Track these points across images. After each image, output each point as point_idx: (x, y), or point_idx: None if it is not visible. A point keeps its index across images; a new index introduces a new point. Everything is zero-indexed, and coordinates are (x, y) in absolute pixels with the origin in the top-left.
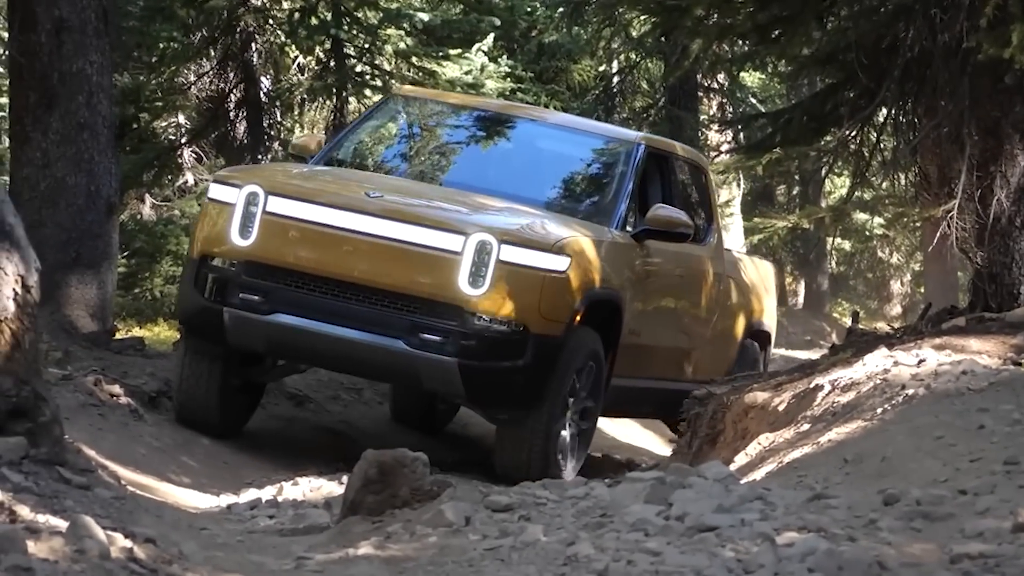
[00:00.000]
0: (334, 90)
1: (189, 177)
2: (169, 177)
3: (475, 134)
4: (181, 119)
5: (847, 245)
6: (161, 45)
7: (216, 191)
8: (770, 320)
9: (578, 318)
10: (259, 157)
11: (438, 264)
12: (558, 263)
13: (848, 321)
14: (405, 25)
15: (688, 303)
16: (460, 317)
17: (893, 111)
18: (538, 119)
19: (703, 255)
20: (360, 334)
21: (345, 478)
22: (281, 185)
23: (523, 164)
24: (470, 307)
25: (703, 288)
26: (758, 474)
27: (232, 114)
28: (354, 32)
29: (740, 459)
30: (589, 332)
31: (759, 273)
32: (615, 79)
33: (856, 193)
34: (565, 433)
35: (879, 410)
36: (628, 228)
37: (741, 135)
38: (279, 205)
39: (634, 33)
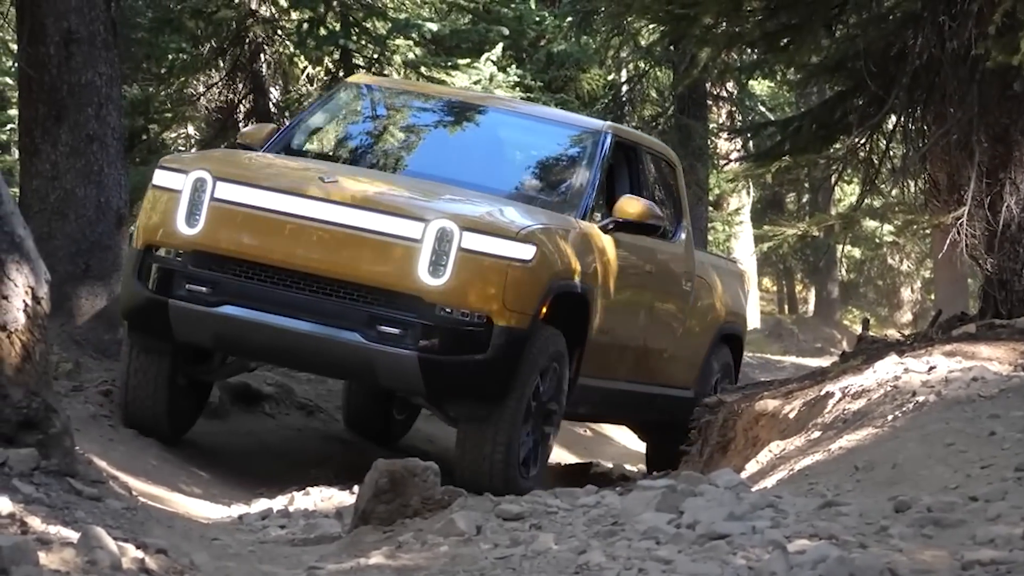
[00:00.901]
0: None
1: None
2: None
3: (435, 122)
4: (190, 130)
5: (857, 252)
6: (170, 56)
7: (161, 177)
8: (742, 324)
9: (544, 311)
10: None
11: (396, 252)
12: (523, 252)
13: (858, 328)
14: (414, 35)
15: (657, 301)
16: (420, 308)
17: (902, 118)
18: (501, 107)
19: (672, 252)
20: (313, 327)
21: (356, 488)
22: (230, 170)
23: (485, 153)
24: (430, 297)
25: (672, 286)
26: (769, 482)
27: (241, 125)
28: (363, 42)
29: (751, 467)
30: (553, 329)
31: (732, 275)
32: (624, 88)
33: (866, 200)
34: (527, 438)
35: (890, 417)
36: (595, 219)
37: (750, 143)
38: (228, 191)
39: (643, 42)
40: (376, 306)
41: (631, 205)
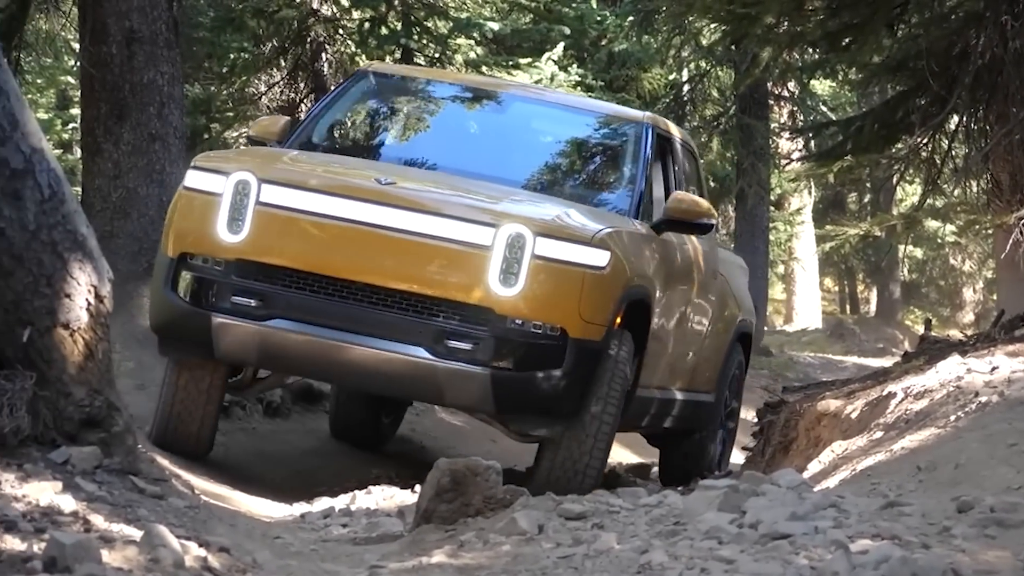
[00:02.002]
0: None
1: None
2: None
3: (466, 114)
4: None
5: (919, 253)
6: (232, 55)
7: (196, 179)
8: (752, 322)
9: (618, 320)
10: None
11: (464, 261)
12: (598, 258)
13: (920, 329)
14: (475, 34)
15: (694, 304)
16: (491, 321)
17: (964, 118)
18: (531, 97)
19: (706, 249)
20: (374, 342)
21: (418, 487)
22: (277, 171)
23: (526, 147)
24: (502, 309)
25: (707, 287)
26: (831, 481)
27: None
28: (424, 41)
29: (813, 467)
30: (626, 336)
31: (740, 270)
32: (685, 87)
33: (928, 200)
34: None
35: (952, 417)
36: (647, 218)
37: (812, 143)
38: (275, 194)
39: (704, 41)
40: (443, 319)
41: (684, 203)
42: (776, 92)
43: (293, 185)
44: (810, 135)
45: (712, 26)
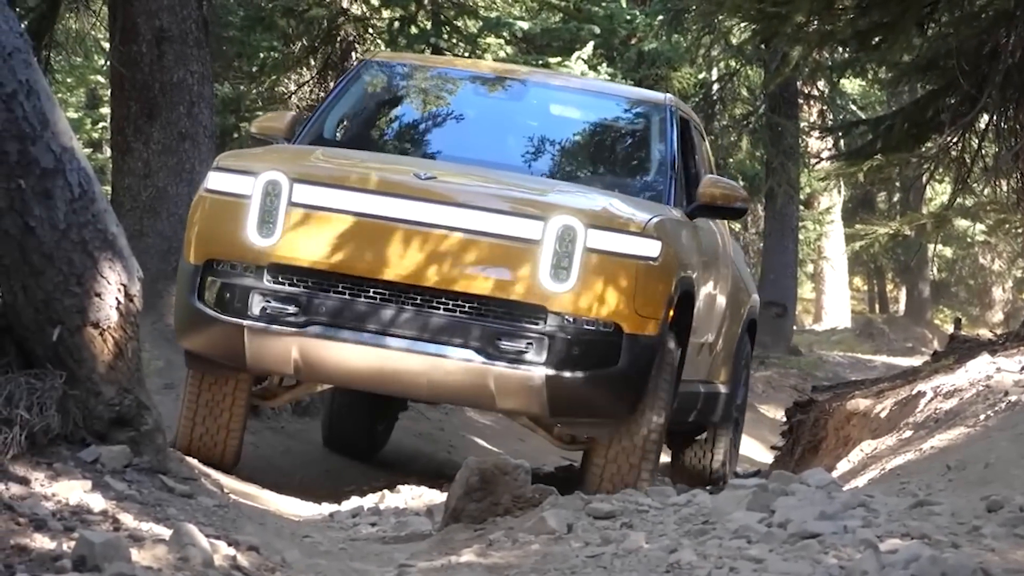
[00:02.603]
0: None
1: None
2: None
3: (484, 102)
4: None
5: (948, 252)
6: (261, 55)
7: (220, 181)
8: (758, 307)
9: (671, 314)
10: None
11: (513, 256)
12: (651, 248)
13: (950, 328)
14: (505, 34)
15: (719, 291)
16: (543, 319)
17: (995, 117)
18: (548, 82)
19: (723, 232)
20: (421, 346)
21: (446, 486)
22: (309, 170)
23: (550, 135)
24: (554, 306)
25: (727, 272)
26: (860, 481)
27: None
28: (454, 40)
29: (842, 466)
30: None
31: (740, 251)
32: (715, 86)
33: (958, 199)
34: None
35: (982, 416)
36: (680, 204)
37: (841, 142)
38: (308, 194)
39: (734, 40)
40: (492, 319)
41: (720, 186)
42: (806, 91)
43: (328, 183)
44: (840, 134)
45: (742, 25)
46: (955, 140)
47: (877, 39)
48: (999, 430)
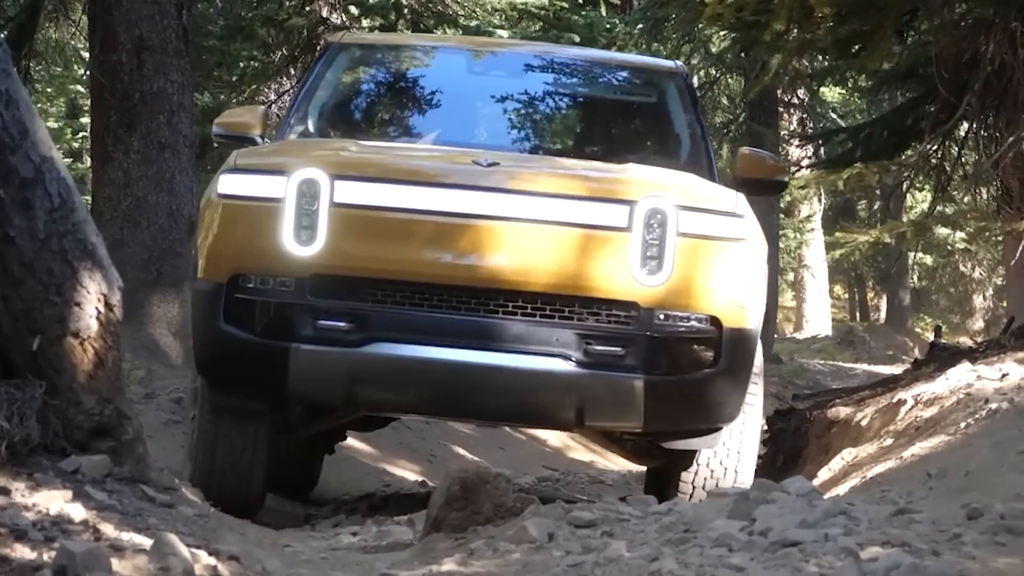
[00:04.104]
0: None
1: None
2: None
3: (483, 82)
4: None
5: (929, 260)
6: (241, 64)
7: (242, 184)
8: None
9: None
10: None
11: (598, 247)
12: (743, 229)
13: (930, 336)
14: None
15: None
16: (638, 317)
17: (974, 125)
18: (549, 54)
19: None
20: (501, 358)
21: (428, 494)
22: (351, 164)
23: (568, 111)
24: (647, 301)
25: None
26: (841, 489)
27: None
28: None
29: (823, 474)
30: None
31: None
32: None
33: (938, 207)
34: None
35: (962, 424)
36: (714, 179)
37: (822, 150)
38: (353, 192)
39: (714, 49)
40: (579, 320)
41: (757, 158)
42: (786, 99)
43: (375, 178)
44: (820, 142)
45: (721, 33)
46: (935, 148)
47: (856, 47)
48: (979, 438)
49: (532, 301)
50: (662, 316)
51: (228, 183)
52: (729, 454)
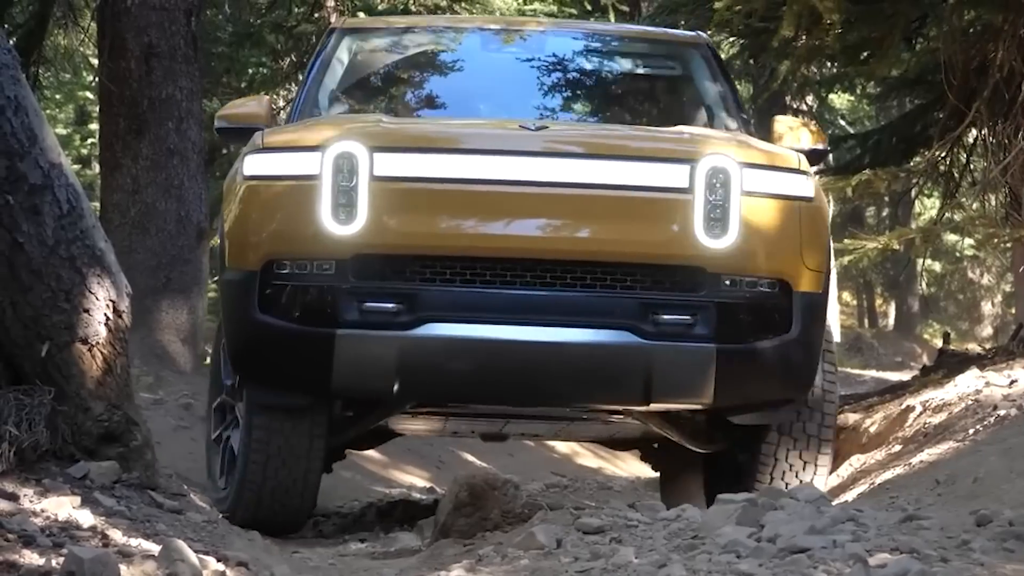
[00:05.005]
0: None
1: None
2: None
3: (501, 59)
4: None
5: (937, 266)
6: (250, 70)
7: (270, 163)
8: None
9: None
10: None
11: (658, 210)
12: (808, 187)
13: (939, 342)
14: None
15: None
16: (705, 282)
17: (983, 132)
18: (566, 30)
19: None
20: (564, 334)
21: (436, 501)
22: (391, 135)
23: (601, 84)
24: (714, 265)
25: None
26: (850, 495)
27: None
28: None
29: (832, 480)
30: None
31: None
32: None
33: (946, 214)
34: None
35: (971, 431)
36: None
37: (830, 156)
38: (395, 164)
39: (722, 55)
40: (642, 289)
41: (808, 125)
42: (794, 106)
43: (418, 148)
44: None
45: (730, 40)
46: (944, 155)
47: (865, 54)
48: (988, 444)
49: (591, 271)
50: (729, 281)
51: (256, 163)
52: (809, 445)
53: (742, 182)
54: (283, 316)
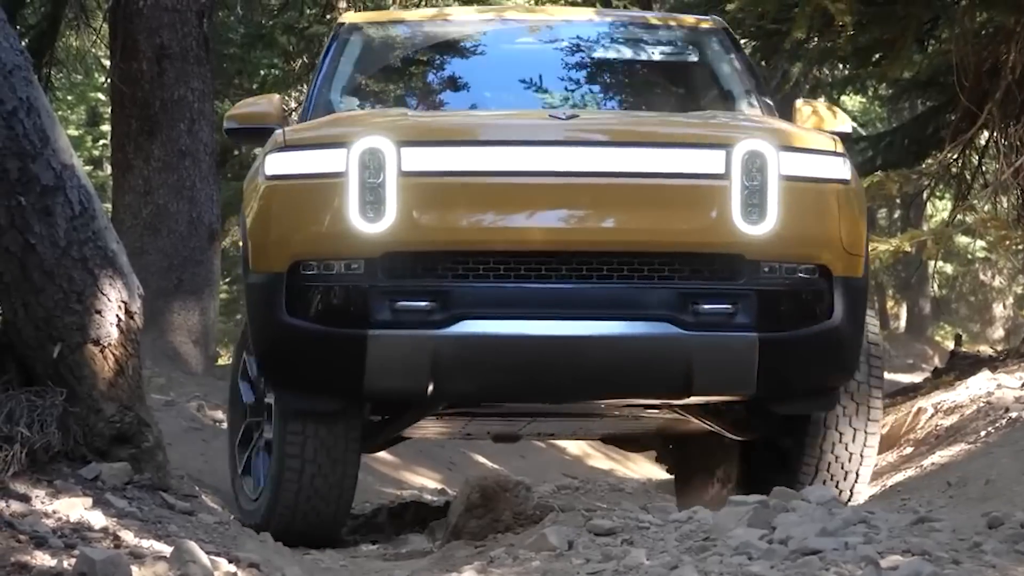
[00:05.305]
0: None
1: None
2: None
3: (516, 50)
4: None
5: (949, 268)
6: (262, 72)
7: (294, 162)
8: None
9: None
10: None
11: (694, 197)
12: (845, 169)
13: (950, 344)
14: None
15: None
16: (743, 270)
17: (995, 134)
18: (577, 20)
19: None
20: (602, 327)
21: (447, 502)
22: (418, 129)
23: (618, 73)
24: (752, 252)
25: None
26: (861, 497)
27: None
28: None
29: None
30: None
31: None
32: None
33: (958, 216)
34: None
35: (983, 433)
36: None
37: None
38: (424, 158)
39: None
40: (680, 279)
41: (827, 112)
42: None
43: (446, 141)
44: None
45: (742, 41)
46: (955, 156)
47: (877, 56)
48: (1000, 446)
49: (629, 262)
50: (768, 268)
51: (278, 162)
52: (855, 437)
53: (779, 166)
54: (312, 318)
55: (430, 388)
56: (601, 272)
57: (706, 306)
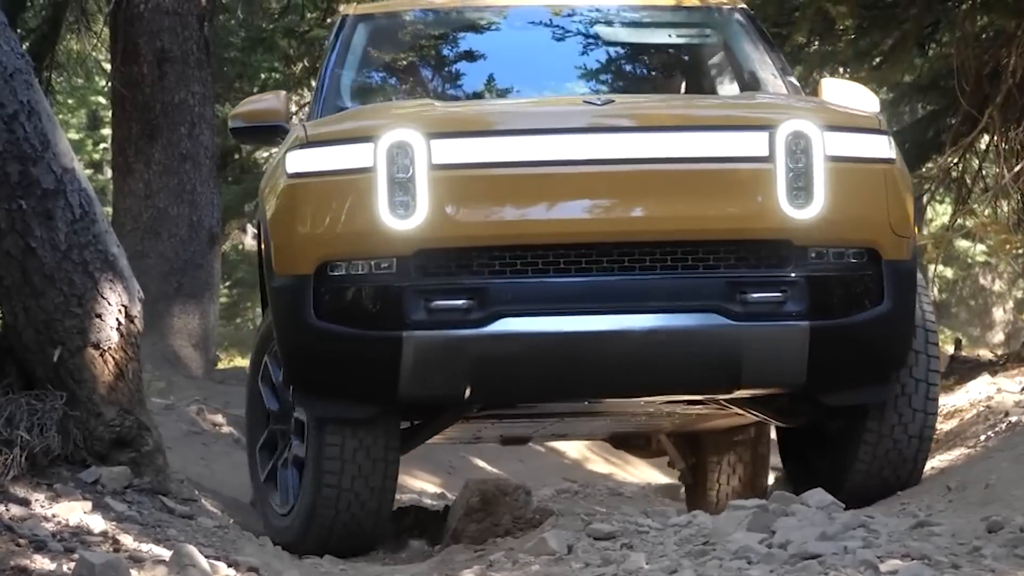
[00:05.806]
0: None
1: None
2: None
3: (531, 36)
4: None
5: (949, 272)
6: (263, 75)
7: (318, 159)
8: None
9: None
10: None
11: (740, 181)
12: (891, 148)
13: (950, 348)
14: None
15: None
16: (791, 256)
17: (995, 138)
18: (586, 5)
19: None
20: (652, 319)
21: (447, 506)
22: (448, 120)
23: (640, 57)
24: (801, 237)
25: None
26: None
27: None
28: None
29: None
30: None
31: None
32: None
33: (958, 220)
34: None
35: (982, 437)
36: None
37: None
38: (455, 150)
39: None
40: (726, 267)
41: (844, 88)
42: None
43: (478, 132)
44: None
45: None
46: (956, 160)
47: (878, 59)
48: (1000, 451)
49: (671, 251)
50: (815, 253)
51: (300, 160)
52: (915, 418)
53: (824, 146)
54: (343, 321)
55: (468, 389)
56: (643, 263)
57: (755, 295)
